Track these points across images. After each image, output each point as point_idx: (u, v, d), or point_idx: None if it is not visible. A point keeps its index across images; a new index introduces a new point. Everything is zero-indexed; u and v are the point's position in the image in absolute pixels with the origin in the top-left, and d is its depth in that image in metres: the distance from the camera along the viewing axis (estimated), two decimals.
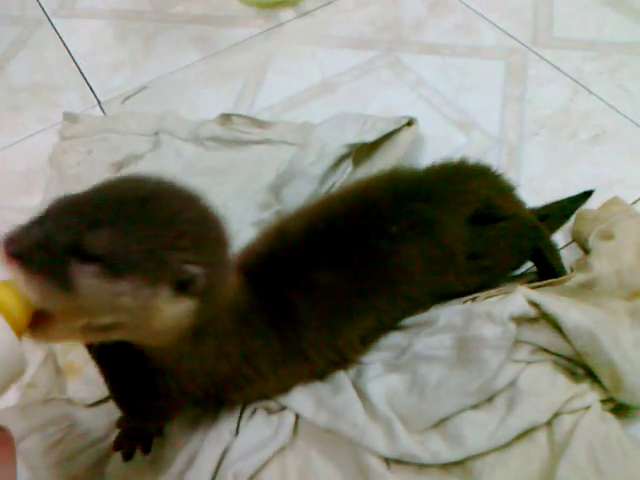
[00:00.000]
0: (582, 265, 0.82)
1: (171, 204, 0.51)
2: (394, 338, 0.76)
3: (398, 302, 0.73)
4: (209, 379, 0.63)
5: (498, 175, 0.83)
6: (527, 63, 1.16)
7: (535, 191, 0.95)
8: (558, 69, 1.14)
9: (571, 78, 1.12)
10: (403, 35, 1.25)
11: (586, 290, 0.77)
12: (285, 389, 0.72)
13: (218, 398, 0.67)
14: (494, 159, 1.01)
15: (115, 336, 0.52)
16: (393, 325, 0.76)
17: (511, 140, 1.04)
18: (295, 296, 0.66)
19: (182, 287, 0.50)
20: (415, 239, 0.71)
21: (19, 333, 0.46)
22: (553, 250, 0.83)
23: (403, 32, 1.25)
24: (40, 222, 0.46)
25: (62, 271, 0.45)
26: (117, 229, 0.47)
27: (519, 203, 0.84)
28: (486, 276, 0.77)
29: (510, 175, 0.97)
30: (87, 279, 0.46)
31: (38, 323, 0.48)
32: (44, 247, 0.45)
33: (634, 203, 0.93)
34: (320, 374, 0.72)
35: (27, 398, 0.80)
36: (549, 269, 0.82)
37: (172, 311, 0.51)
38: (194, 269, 0.50)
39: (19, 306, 0.46)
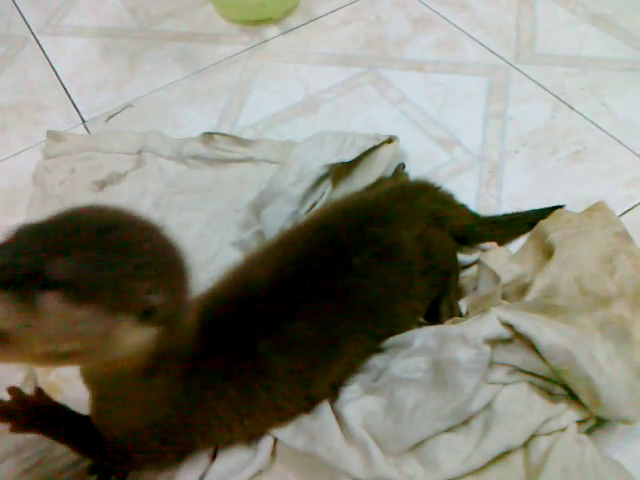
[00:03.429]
0: (538, 265, 0.84)
1: (133, 233, 0.51)
2: (371, 360, 0.75)
3: (368, 342, 0.72)
4: (158, 426, 0.62)
5: (439, 187, 0.88)
6: (509, 79, 1.17)
7: (516, 208, 0.95)
8: (540, 85, 1.15)
9: (552, 94, 1.13)
10: (386, 52, 1.25)
11: (549, 301, 0.78)
12: (254, 435, 0.71)
13: (186, 446, 0.67)
14: (476, 176, 1.01)
15: (72, 364, 0.53)
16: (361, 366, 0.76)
17: (493, 158, 1.04)
18: (267, 350, 0.65)
19: (145, 315, 0.50)
20: (378, 268, 0.71)
21: None
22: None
23: (386, 49, 1.26)
24: (5, 247, 0.47)
25: (23, 295, 0.45)
26: (80, 257, 0.47)
27: (461, 208, 0.90)
28: (436, 290, 0.79)
29: (492, 192, 0.99)
30: (49, 304, 0.46)
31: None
32: (8, 270, 0.45)
33: None
34: (289, 419, 0.71)
35: None
36: None
37: (133, 338, 0.52)
38: (157, 298, 0.50)
39: None
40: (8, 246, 0.47)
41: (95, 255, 0.47)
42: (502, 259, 0.85)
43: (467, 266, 0.88)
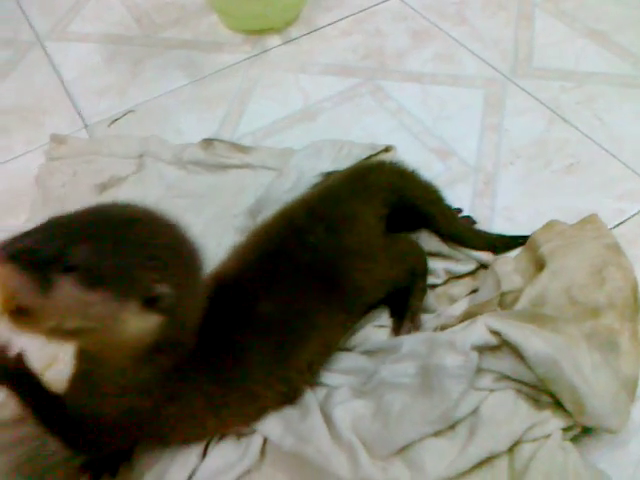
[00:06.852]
0: (531, 277, 0.85)
1: (148, 228, 0.57)
2: (362, 363, 0.77)
3: (338, 315, 0.74)
4: (129, 412, 0.63)
5: (396, 164, 0.90)
6: (506, 92, 1.19)
7: (509, 219, 0.97)
8: (536, 98, 1.17)
9: (548, 108, 1.15)
10: (385, 63, 1.27)
11: (538, 310, 0.79)
12: (230, 427, 0.72)
13: (158, 438, 0.69)
14: (470, 187, 1.03)
15: (79, 341, 0.58)
16: (337, 347, 0.78)
17: (487, 169, 1.06)
18: (239, 335, 0.67)
19: (150, 303, 0.55)
20: (331, 241, 0.74)
21: None
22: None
23: (385, 60, 1.28)
24: (31, 234, 0.53)
25: (44, 275, 0.51)
26: (96, 246, 0.53)
27: (423, 183, 0.91)
28: (402, 277, 0.82)
29: (485, 203, 1.01)
30: (63, 286, 0.52)
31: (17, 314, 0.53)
32: (32, 253, 0.51)
33: None
34: (269, 409, 0.72)
35: None
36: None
37: (137, 323, 0.56)
38: (162, 288, 0.55)
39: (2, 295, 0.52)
40: (35, 232, 0.53)
41: (110, 245, 0.54)
42: (509, 267, 0.87)
43: (460, 276, 0.89)
